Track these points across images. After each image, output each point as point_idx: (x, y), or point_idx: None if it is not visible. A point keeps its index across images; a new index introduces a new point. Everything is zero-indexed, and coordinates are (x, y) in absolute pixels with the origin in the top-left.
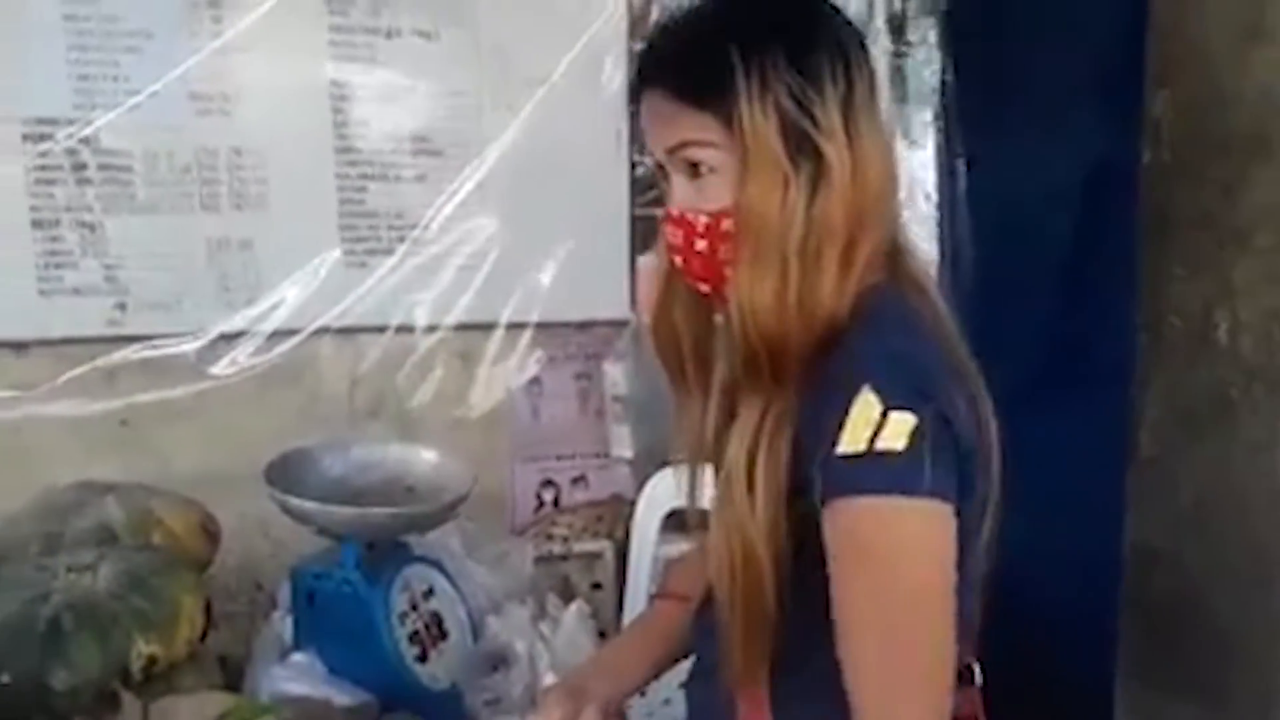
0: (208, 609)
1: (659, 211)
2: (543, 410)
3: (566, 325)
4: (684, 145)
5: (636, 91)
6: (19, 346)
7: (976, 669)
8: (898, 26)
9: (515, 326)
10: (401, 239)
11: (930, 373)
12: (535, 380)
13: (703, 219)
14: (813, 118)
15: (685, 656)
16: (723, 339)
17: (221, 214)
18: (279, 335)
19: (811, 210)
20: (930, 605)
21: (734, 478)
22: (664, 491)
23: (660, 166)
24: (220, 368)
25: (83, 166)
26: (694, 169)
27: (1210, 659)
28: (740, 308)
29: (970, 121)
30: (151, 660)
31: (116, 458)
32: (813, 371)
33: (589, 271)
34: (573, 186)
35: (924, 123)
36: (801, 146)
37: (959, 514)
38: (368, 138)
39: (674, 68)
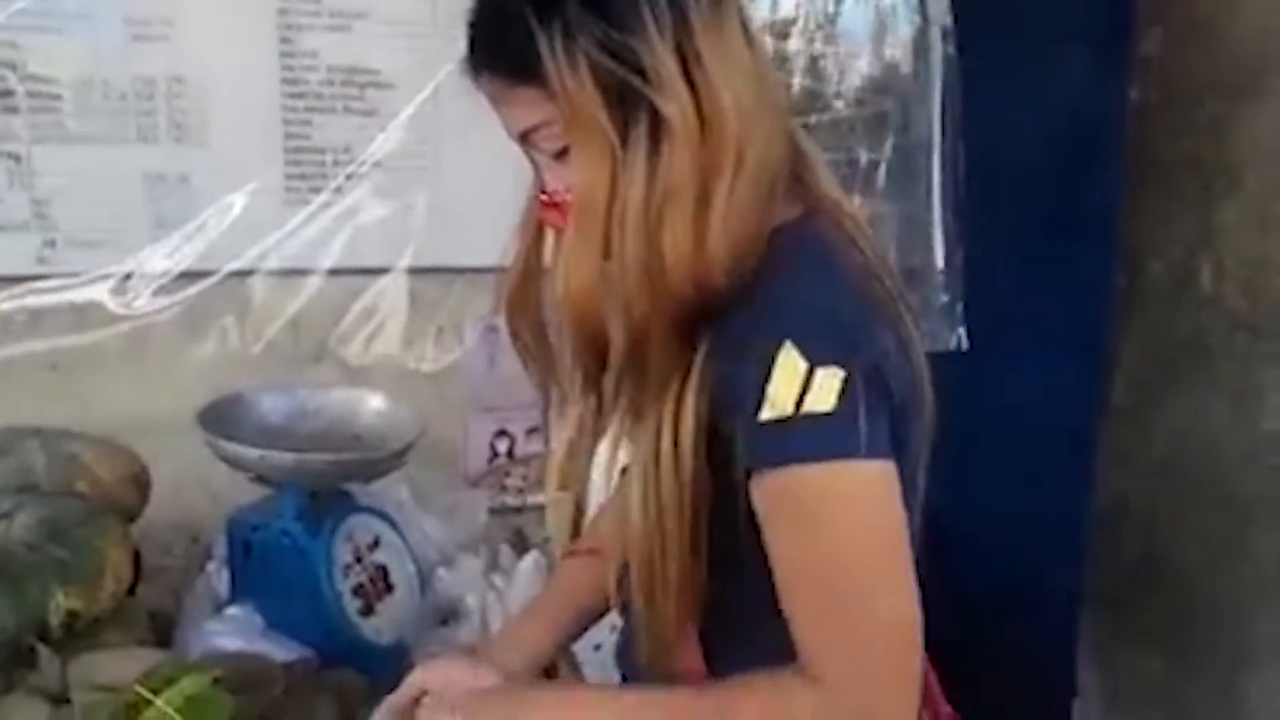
0: (136, 561)
1: None
2: (499, 358)
3: None
4: (531, 131)
5: (471, 75)
6: None
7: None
8: None
9: (470, 270)
10: (349, 176)
11: (856, 319)
12: (491, 327)
13: (570, 197)
14: (638, 68)
15: (603, 613)
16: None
17: (159, 146)
18: (216, 275)
19: (654, 174)
20: (883, 566)
21: (637, 468)
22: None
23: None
24: (155, 308)
25: (9, 94)
26: (552, 151)
27: (1178, 614)
28: (559, 295)
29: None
30: (72, 614)
31: (44, 402)
32: (718, 334)
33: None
34: None
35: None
36: (632, 104)
37: (898, 464)
38: (316, 69)
39: (485, 44)
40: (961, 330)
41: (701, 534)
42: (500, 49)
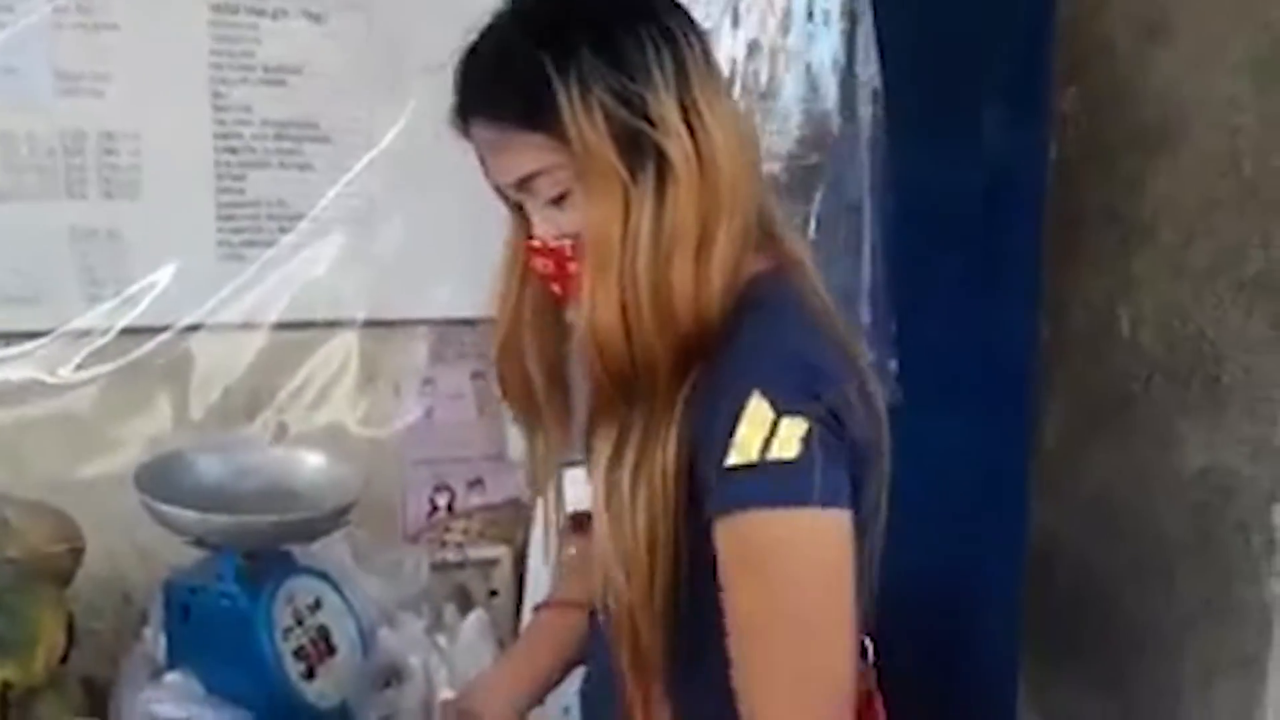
0: (70, 627)
1: None
2: (436, 411)
3: (461, 322)
4: (532, 177)
5: (460, 121)
6: None
7: (869, 645)
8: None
9: (406, 323)
10: (284, 230)
11: (821, 368)
12: (428, 380)
13: (568, 243)
14: (645, 114)
15: (578, 664)
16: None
17: (89, 201)
18: (148, 332)
19: (661, 215)
20: (828, 616)
21: (604, 502)
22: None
23: (503, 194)
24: (85, 367)
25: None
26: (550, 197)
27: (1114, 651)
28: (584, 334)
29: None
30: (6, 686)
31: None
32: (701, 374)
33: (484, 265)
34: (465, 177)
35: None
36: (639, 149)
37: (854, 511)
38: (250, 123)
39: (491, 91)
40: (895, 385)
41: (682, 568)
42: (510, 96)
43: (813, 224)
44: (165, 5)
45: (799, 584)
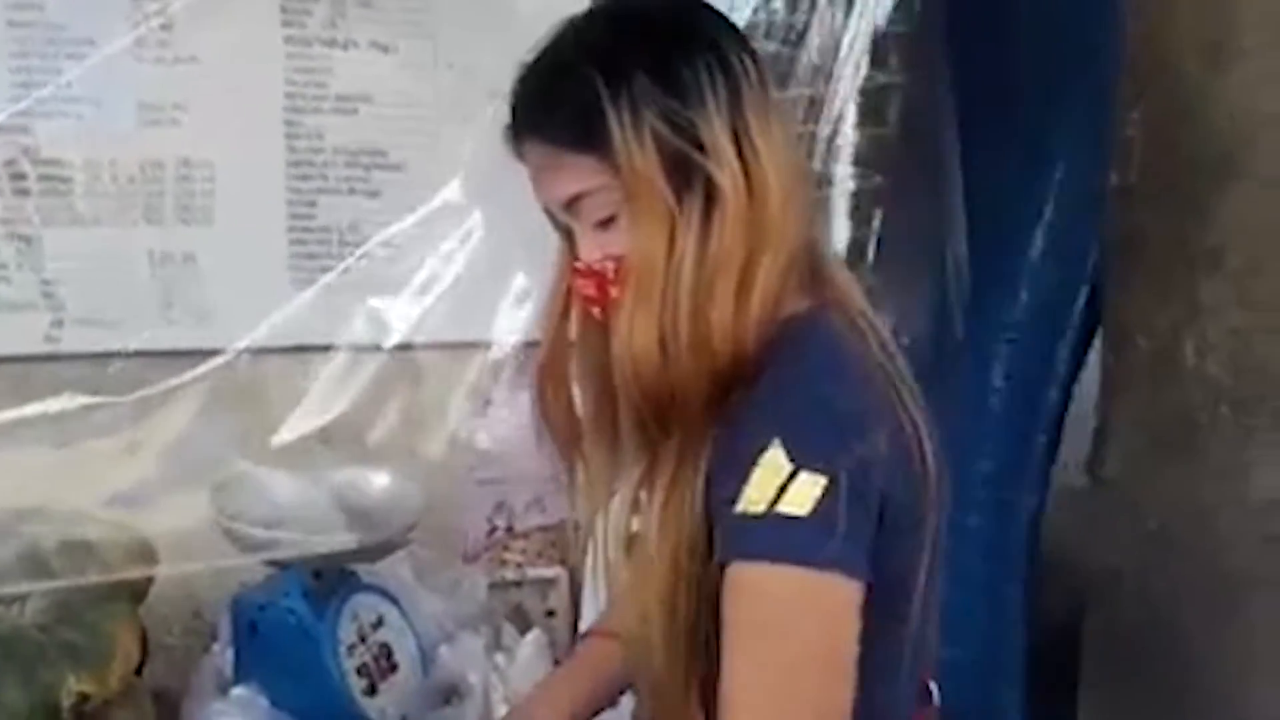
0: (143, 641)
1: None
2: (497, 432)
3: (522, 344)
4: (578, 198)
5: (513, 140)
6: None
7: (934, 689)
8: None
9: (468, 345)
10: (353, 255)
11: (852, 416)
12: (489, 401)
13: (611, 265)
14: (696, 140)
15: (622, 693)
16: None
17: (165, 227)
18: (222, 353)
19: (706, 243)
20: (819, 681)
21: (637, 538)
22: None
23: (553, 216)
24: (161, 387)
25: (21, 176)
26: (597, 220)
27: (1176, 688)
28: (620, 358)
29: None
30: (83, 697)
31: (52, 481)
32: (726, 410)
33: (544, 287)
34: (530, 202)
35: None
36: (688, 174)
37: (879, 573)
38: (321, 150)
39: (542, 111)
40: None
41: (705, 601)
42: (562, 118)
43: (872, 245)
44: (242, 38)
45: (795, 646)
